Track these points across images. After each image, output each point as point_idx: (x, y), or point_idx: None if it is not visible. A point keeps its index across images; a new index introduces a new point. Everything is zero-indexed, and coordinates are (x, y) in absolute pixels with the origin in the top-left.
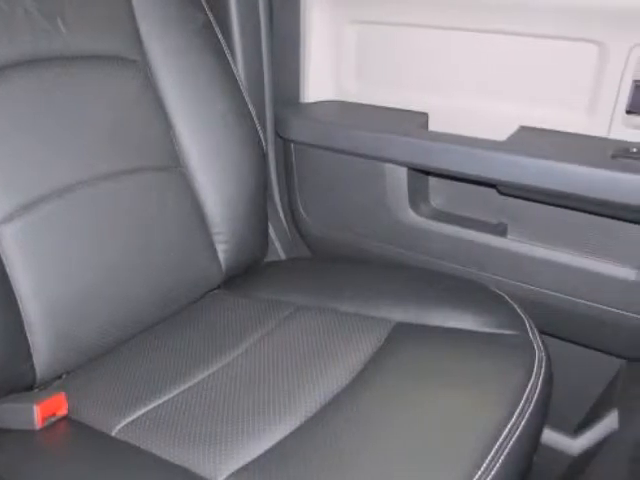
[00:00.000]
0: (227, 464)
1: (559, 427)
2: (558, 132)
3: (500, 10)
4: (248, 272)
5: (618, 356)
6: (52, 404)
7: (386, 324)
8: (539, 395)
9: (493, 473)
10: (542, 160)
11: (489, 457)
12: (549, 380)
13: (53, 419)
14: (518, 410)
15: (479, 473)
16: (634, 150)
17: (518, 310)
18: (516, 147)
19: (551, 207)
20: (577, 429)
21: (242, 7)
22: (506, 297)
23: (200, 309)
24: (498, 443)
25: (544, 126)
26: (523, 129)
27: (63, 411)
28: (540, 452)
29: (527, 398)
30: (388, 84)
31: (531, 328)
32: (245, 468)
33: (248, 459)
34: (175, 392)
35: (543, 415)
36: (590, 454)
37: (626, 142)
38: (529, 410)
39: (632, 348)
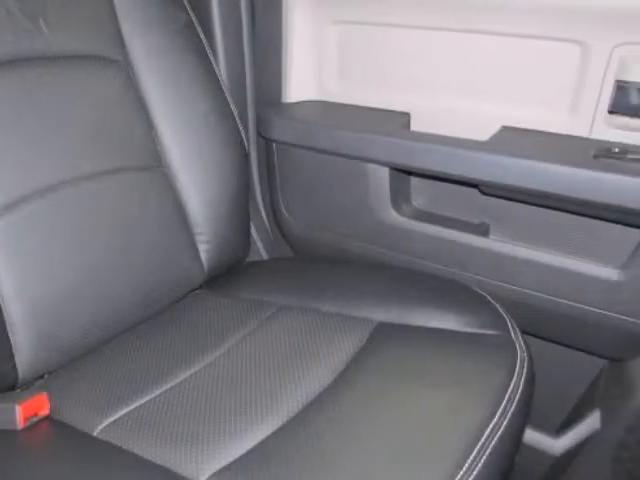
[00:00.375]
0: (209, 464)
1: (541, 427)
2: (540, 132)
3: (482, 10)
4: (230, 272)
5: (600, 356)
6: (34, 404)
7: (368, 324)
8: (521, 395)
9: (475, 473)
10: (524, 160)
11: (471, 457)
12: (531, 380)
13: (35, 419)
14: (500, 410)
15: (461, 473)
16: (616, 150)
17: (500, 310)
18: (498, 147)
19: (533, 207)
20: (559, 429)
21: (224, 7)
22: (488, 297)
23: (182, 309)
24: (480, 443)
25: (526, 126)
26: (505, 129)
27: (45, 411)
28: (522, 452)
29: (509, 398)
30: (370, 84)
31: (513, 328)
32: (227, 468)
33: (230, 459)
34: (157, 392)
35: (525, 415)
36: (572, 454)
37: (608, 142)
38: (511, 410)
39: (614, 348)
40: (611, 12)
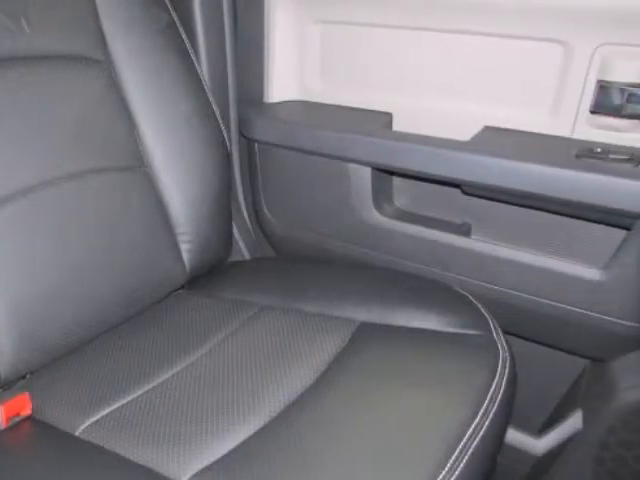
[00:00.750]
0: (191, 464)
1: (523, 427)
2: (522, 132)
3: (464, 10)
4: (212, 272)
5: (582, 356)
6: (16, 404)
7: (350, 324)
8: (503, 395)
9: (457, 473)
10: (506, 160)
11: (453, 457)
12: (513, 380)
13: (17, 419)
14: (482, 410)
15: (443, 473)
16: (598, 150)
17: (482, 310)
18: (480, 147)
19: (515, 207)
20: (541, 429)
21: (206, 7)
22: (470, 297)
23: (164, 309)
24: (462, 443)
25: (508, 126)
26: (487, 129)
27: (27, 411)
28: (504, 452)
29: (491, 398)
30: (352, 84)
31: (495, 328)
32: (209, 468)
33: (212, 459)
34: (139, 392)
35: (507, 415)
36: (554, 454)
37: (590, 142)
38: (493, 410)
39: (596, 348)
40: (594, 12)
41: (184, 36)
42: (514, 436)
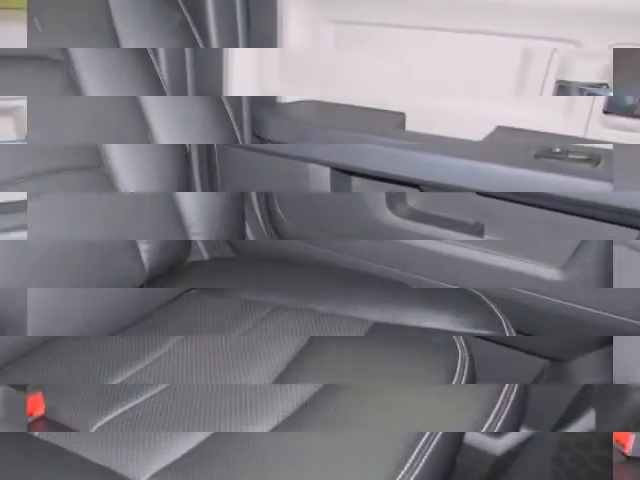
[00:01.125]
0: (150, 464)
1: None
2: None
3: (479, 10)
4: (171, 272)
5: (542, 357)
6: None
7: (363, 324)
8: None
9: (416, 473)
10: (465, 160)
11: (412, 457)
12: (472, 380)
13: None
14: None
15: (402, 473)
16: (557, 150)
17: (496, 310)
18: (438, 147)
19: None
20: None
21: (219, 7)
22: (483, 297)
23: None
24: (421, 443)
25: (522, 126)
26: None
27: None
28: (463, 452)
29: None
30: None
31: (508, 328)
32: (167, 468)
33: (171, 459)
34: None
35: None
36: (513, 454)
37: (549, 142)
38: None
39: (556, 348)
40: (605, 12)
41: (197, 36)
42: (473, 436)
